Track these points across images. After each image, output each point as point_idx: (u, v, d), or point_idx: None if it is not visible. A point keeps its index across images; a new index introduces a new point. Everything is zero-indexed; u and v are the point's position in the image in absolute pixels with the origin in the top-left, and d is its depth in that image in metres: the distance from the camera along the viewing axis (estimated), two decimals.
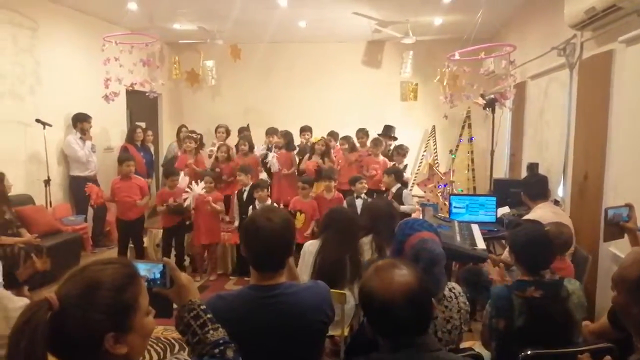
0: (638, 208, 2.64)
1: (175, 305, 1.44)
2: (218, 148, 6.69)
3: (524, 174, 5.52)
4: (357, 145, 6.85)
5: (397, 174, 5.73)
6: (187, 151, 6.62)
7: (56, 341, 1.03)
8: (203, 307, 1.42)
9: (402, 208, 5.23)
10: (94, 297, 1.08)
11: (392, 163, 6.55)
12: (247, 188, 5.51)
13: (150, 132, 7.60)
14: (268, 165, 6.61)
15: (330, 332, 2.98)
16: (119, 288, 1.12)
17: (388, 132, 7.43)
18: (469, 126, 8.41)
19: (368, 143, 6.78)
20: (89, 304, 1.07)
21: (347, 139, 6.73)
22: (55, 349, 1.04)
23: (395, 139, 7.30)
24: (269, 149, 6.79)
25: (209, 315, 1.41)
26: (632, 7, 3.18)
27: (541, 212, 3.72)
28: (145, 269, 1.38)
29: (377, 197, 5.43)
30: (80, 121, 6.30)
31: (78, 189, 6.32)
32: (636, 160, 3.27)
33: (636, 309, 1.21)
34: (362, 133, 6.93)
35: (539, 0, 5.53)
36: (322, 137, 6.86)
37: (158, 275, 1.39)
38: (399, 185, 5.66)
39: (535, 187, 4.14)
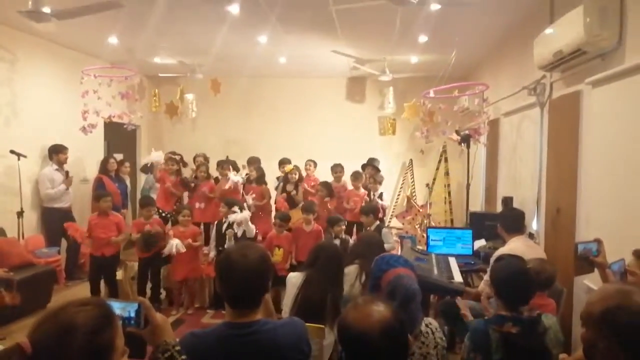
0: (610, 240, 2.72)
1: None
2: (197, 167, 6.83)
3: (499, 207, 5.62)
4: (332, 179, 6.94)
5: (375, 213, 5.63)
6: (169, 173, 6.70)
7: None
8: (177, 348, 1.42)
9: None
10: (69, 341, 1.05)
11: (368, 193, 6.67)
12: (227, 219, 5.48)
13: (127, 164, 7.54)
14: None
15: None
16: (95, 330, 1.10)
17: (372, 162, 7.53)
18: (445, 160, 8.57)
19: (344, 178, 6.88)
20: (64, 349, 1.04)
21: (325, 185, 6.66)
22: None
23: (378, 170, 7.38)
24: (248, 180, 6.86)
25: (183, 357, 1.41)
26: (596, 51, 3.35)
27: (514, 245, 3.78)
28: (120, 308, 1.37)
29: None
30: (56, 153, 6.25)
31: (52, 221, 6.21)
32: (606, 194, 3.38)
33: (602, 344, 1.23)
34: (339, 168, 7.01)
35: (511, 42, 5.77)
36: (295, 166, 6.94)
37: (133, 315, 1.38)
38: (377, 222, 5.59)
39: (511, 220, 4.21)
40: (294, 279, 3.32)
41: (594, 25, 3.22)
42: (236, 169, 7.01)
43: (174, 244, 5.19)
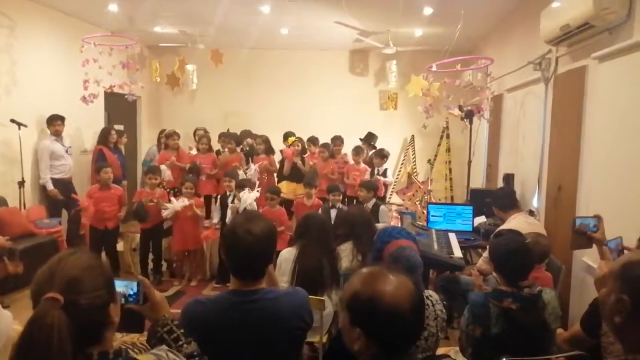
0: (611, 218, 2.71)
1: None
2: (199, 140, 6.81)
3: (500, 184, 5.62)
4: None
5: (375, 190, 5.50)
6: (172, 148, 6.70)
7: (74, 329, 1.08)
8: (176, 322, 1.49)
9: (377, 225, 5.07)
10: (96, 276, 1.19)
11: (371, 169, 6.65)
12: (232, 193, 5.48)
13: (125, 136, 7.48)
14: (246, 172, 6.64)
15: (309, 339, 2.99)
16: (103, 265, 1.25)
17: (370, 139, 7.48)
18: (447, 136, 8.54)
19: (343, 150, 6.87)
20: (95, 285, 1.17)
21: (326, 146, 6.78)
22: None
23: (374, 148, 7.36)
24: (244, 152, 6.88)
25: (181, 331, 1.49)
26: (604, 25, 3.29)
27: (515, 223, 3.80)
28: (122, 286, 1.43)
29: (350, 206, 5.42)
30: (49, 123, 6.18)
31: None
32: (608, 172, 3.37)
33: (613, 297, 1.25)
34: (338, 141, 6.99)
35: (517, 15, 5.68)
36: (298, 137, 6.95)
37: (133, 292, 1.45)
38: (374, 200, 5.39)
39: (504, 198, 4.25)
40: (287, 254, 3.37)
41: None
42: (238, 142, 6.98)
43: (173, 206, 5.20)
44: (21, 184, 5.76)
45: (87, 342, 1.14)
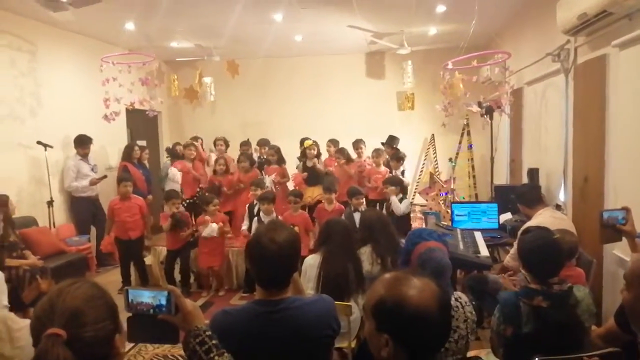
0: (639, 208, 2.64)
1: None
2: (215, 161, 6.87)
3: (524, 179, 5.53)
4: (355, 156, 6.89)
5: (400, 183, 5.71)
6: (188, 159, 6.85)
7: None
8: (208, 333, 1.44)
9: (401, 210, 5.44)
10: (98, 307, 1.15)
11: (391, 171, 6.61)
12: (257, 202, 5.53)
13: (147, 150, 7.61)
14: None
15: (337, 344, 2.98)
16: (106, 294, 1.21)
17: (391, 142, 7.42)
18: (468, 133, 8.43)
19: (366, 154, 6.83)
20: (98, 316, 1.13)
21: (341, 151, 6.74)
22: None
23: (396, 149, 7.29)
24: (260, 160, 6.88)
25: (214, 342, 1.44)
26: (623, 11, 3.21)
27: (542, 219, 3.72)
28: (151, 297, 1.40)
29: (368, 209, 5.41)
30: (79, 145, 6.34)
31: (80, 210, 6.35)
32: (635, 161, 3.29)
33: None
34: (361, 143, 6.96)
35: (532, 7, 5.59)
36: (314, 141, 6.95)
37: (163, 302, 1.41)
38: (401, 195, 5.61)
39: (528, 194, 4.15)
40: (312, 260, 3.36)
41: None
42: (252, 161, 7.01)
43: (215, 227, 5.27)
44: (50, 203, 5.91)
45: None
